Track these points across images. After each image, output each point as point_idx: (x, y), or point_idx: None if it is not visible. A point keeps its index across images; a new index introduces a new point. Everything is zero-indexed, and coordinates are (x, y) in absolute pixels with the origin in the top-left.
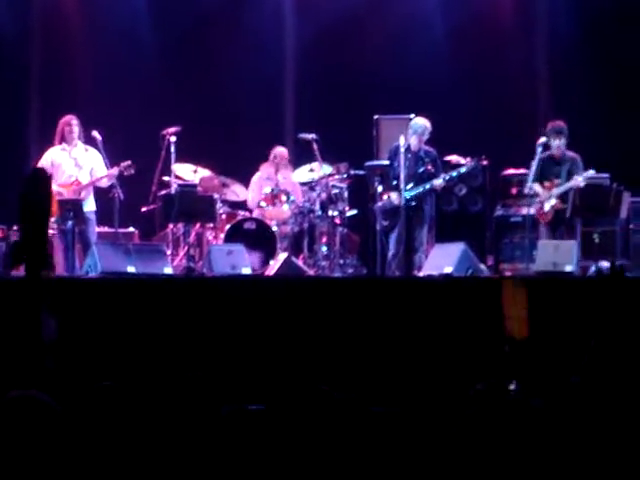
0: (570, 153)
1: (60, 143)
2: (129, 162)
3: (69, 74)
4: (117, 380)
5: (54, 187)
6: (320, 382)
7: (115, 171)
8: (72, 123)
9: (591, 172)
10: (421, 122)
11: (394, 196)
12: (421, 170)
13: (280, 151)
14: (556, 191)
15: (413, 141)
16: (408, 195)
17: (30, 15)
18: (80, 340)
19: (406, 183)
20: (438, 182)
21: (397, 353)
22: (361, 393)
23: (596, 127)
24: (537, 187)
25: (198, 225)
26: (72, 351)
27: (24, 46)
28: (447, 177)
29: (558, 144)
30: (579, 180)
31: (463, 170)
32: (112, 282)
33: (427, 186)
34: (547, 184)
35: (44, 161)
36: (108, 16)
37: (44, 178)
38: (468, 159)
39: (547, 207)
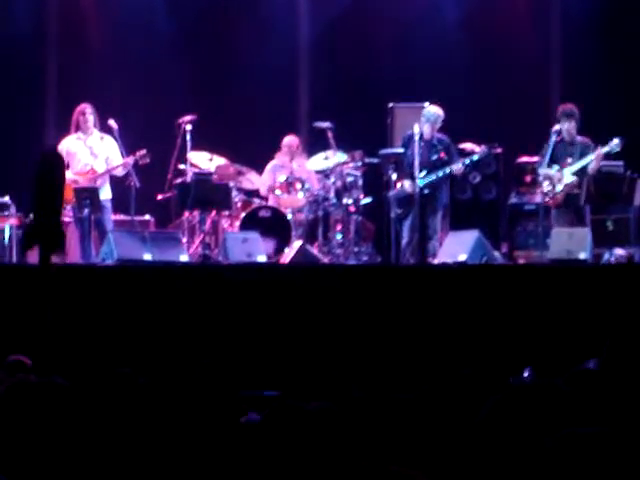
0: (581, 137)
1: (76, 132)
2: (144, 151)
3: (85, 62)
4: (134, 367)
5: (70, 175)
6: (334, 369)
7: (130, 160)
8: (86, 112)
9: (616, 141)
10: (434, 110)
11: (407, 184)
12: (434, 158)
13: (290, 140)
14: (569, 169)
15: (426, 129)
16: (422, 183)
17: (47, 4)
18: (96, 327)
19: (420, 171)
20: (457, 167)
21: (411, 341)
22: (374, 380)
23: (610, 114)
24: (547, 170)
25: (214, 213)
26: (89, 338)
27: (41, 35)
28: (466, 161)
29: (568, 127)
30: (602, 150)
31: (476, 157)
32: (128, 270)
33: (447, 171)
34: (558, 168)
35: (60, 150)
36: (124, 4)
37: (56, 160)
38: (482, 147)
39: (560, 187)
